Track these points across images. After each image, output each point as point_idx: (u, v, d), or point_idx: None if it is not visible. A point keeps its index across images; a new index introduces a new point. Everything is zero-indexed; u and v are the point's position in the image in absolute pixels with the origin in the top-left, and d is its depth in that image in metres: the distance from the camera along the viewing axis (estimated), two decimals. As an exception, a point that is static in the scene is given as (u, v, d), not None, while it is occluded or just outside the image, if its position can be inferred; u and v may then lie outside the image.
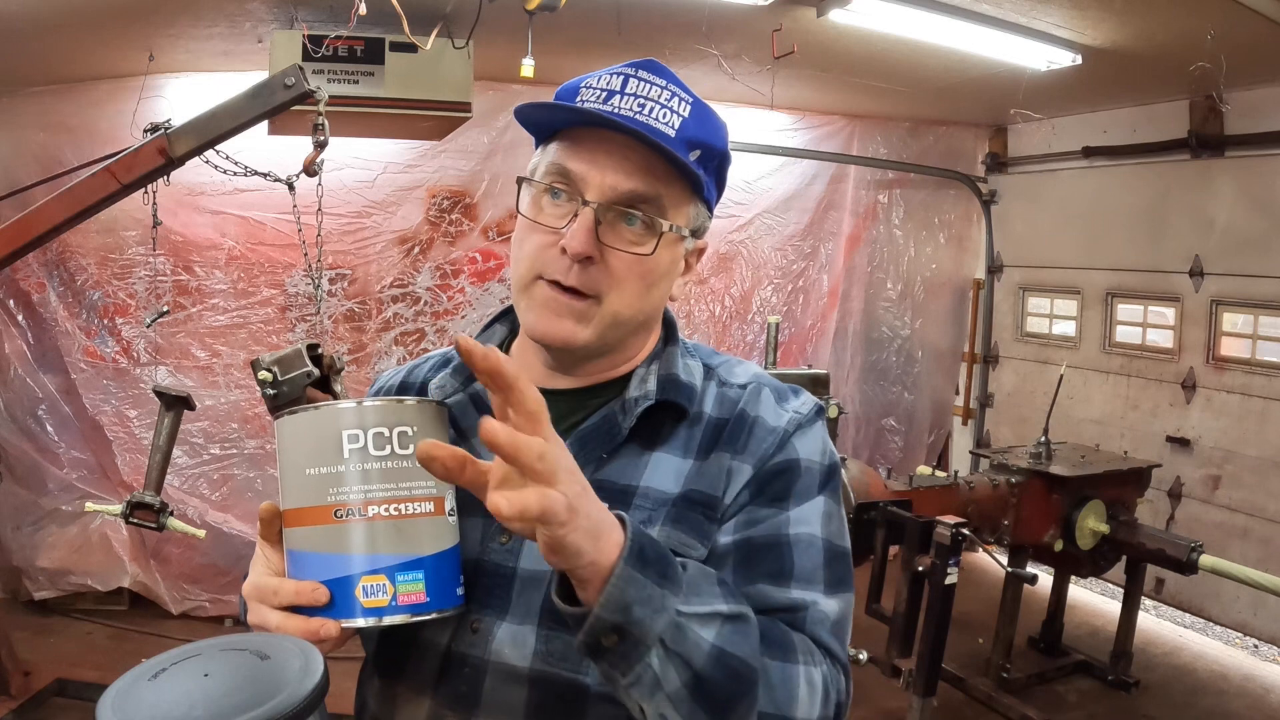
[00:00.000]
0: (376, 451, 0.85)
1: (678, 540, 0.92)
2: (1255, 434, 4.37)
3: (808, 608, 0.91)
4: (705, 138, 0.95)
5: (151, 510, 2.86)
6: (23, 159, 4.02)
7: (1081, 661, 4.30)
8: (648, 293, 0.97)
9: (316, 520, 0.85)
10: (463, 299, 4.78)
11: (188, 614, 4.38)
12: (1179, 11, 3.18)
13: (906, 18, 3.41)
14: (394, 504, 0.84)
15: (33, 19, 3.26)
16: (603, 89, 0.94)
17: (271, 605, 0.85)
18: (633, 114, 0.92)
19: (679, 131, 0.93)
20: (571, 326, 0.94)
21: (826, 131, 5.37)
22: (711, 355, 1.07)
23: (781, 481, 0.96)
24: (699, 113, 0.95)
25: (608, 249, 0.93)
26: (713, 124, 0.97)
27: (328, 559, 0.84)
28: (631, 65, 0.95)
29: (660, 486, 0.95)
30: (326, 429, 0.85)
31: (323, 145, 3.00)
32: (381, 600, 0.83)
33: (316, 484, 0.85)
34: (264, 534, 0.90)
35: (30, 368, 4.24)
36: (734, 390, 1.02)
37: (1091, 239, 5.17)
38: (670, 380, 1.00)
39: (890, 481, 3.68)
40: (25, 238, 2.85)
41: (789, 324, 5.45)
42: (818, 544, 0.94)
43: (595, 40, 3.68)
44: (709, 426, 0.99)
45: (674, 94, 0.94)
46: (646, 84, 0.93)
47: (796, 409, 1.00)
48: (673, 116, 0.93)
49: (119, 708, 0.68)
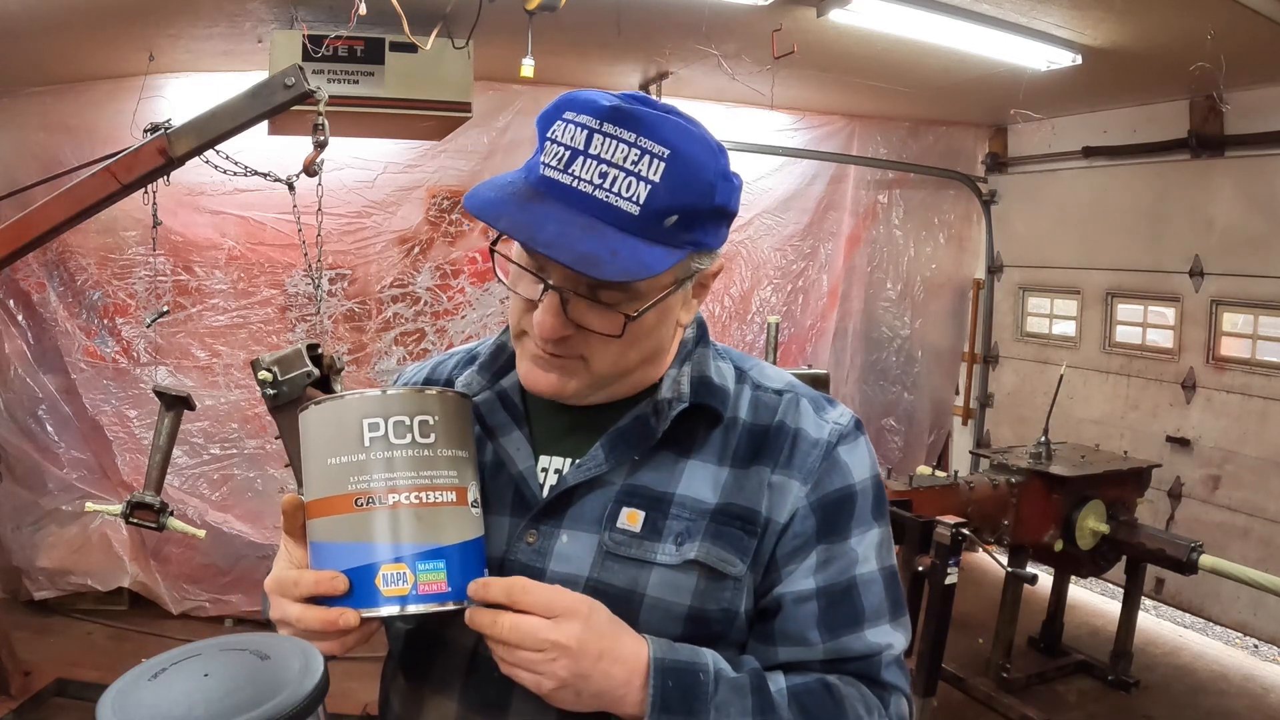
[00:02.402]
0: (397, 440, 0.85)
1: (717, 557, 0.92)
2: (1255, 434, 4.37)
3: (881, 652, 0.95)
4: (683, 200, 0.84)
5: (151, 510, 2.86)
6: (23, 159, 4.02)
7: (1081, 661, 4.30)
8: (634, 347, 0.93)
9: (338, 510, 0.85)
10: (463, 299, 4.78)
11: (188, 614, 4.37)
12: (1179, 11, 3.18)
13: (906, 18, 3.41)
14: (415, 492, 0.84)
15: (33, 19, 3.25)
16: (566, 146, 0.84)
17: (292, 597, 0.84)
18: (593, 185, 0.83)
19: (646, 204, 0.82)
20: (558, 379, 0.93)
21: (826, 131, 5.37)
22: (742, 358, 1.06)
23: (843, 512, 0.96)
24: (674, 169, 0.83)
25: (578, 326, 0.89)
26: (695, 174, 0.85)
27: (349, 548, 0.84)
28: (599, 114, 0.84)
29: (697, 496, 0.93)
30: (348, 418, 0.85)
31: (323, 145, 3.01)
32: (402, 589, 0.83)
33: (338, 473, 0.85)
34: (287, 528, 0.90)
35: (30, 368, 4.23)
36: (769, 395, 1.00)
37: (1091, 239, 5.17)
38: (704, 383, 0.98)
39: (890, 481, 3.67)
40: (25, 238, 2.85)
41: (789, 324, 5.45)
42: (880, 578, 0.97)
43: (595, 40, 3.68)
44: (744, 432, 0.97)
45: (643, 151, 0.82)
46: (612, 141, 0.83)
47: (836, 420, 0.99)
48: (639, 186, 0.82)
49: (119, 708, 0.68)
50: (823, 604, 0.94)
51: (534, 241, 0.82)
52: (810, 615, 0.93)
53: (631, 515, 0.93)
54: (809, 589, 0.94)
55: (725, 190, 0.88)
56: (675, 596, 0.91)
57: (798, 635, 0.93)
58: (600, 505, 0.94)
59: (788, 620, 0.94)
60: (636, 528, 0.92)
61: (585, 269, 0.80)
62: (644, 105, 0.86)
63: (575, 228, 0.82)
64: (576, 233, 0.82)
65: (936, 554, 3.11)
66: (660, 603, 0.91)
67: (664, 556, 0.91)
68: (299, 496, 0.90)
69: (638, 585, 0.91)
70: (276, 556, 0.93)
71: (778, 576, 0.94)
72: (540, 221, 0.82)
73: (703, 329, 1.05)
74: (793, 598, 0.93)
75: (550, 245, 0.81)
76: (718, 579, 0.92)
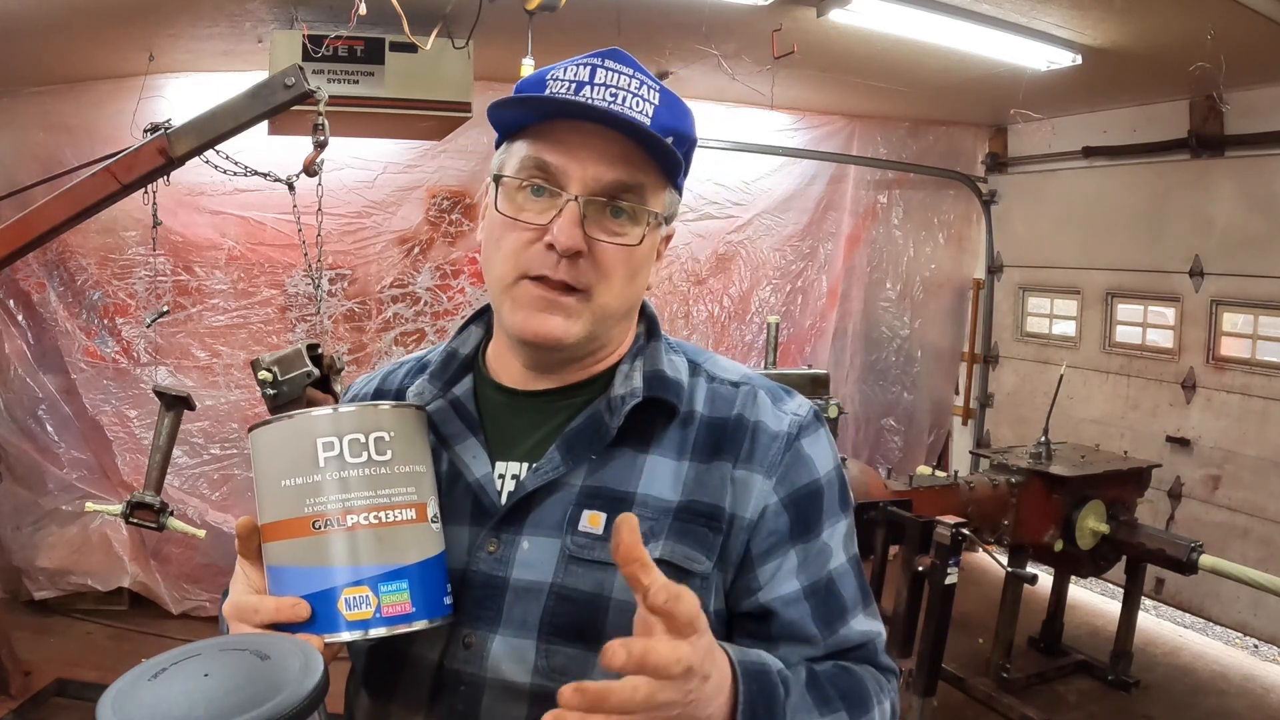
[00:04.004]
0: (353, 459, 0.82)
1: (682, 555, 0.91)
2: (1255, 434, 4.37)
3: (874, 638, 0.97)
4: (677, 125, 0.95)
5: (151, 510, 2.86)
6: (23, 159, 4.02)
7: (1081, 661, 4.30)
8: (632, 281, 0.95)
9: (294, 533, 0.82)
10: (463, 299, 4.78)
11: (188, 614, 4.38)
12: (1179, 11, 3.18)
13: (906, 18, 3.41)
14: (374, 512, 0.82)
15: (33, 19, 3.25)
16: (571, 80, 0.91)
17: (252, 624, 0.83)
18: (606, 104, 0.89)
19: (653, 120, 0.92)
20: (562, 323, 0.91)
21: (826, 131, 5.37)
22: (696, 352, 1.05)
23: (813, 508, 0.96)
24: (668, 100, 0.94)
25: (594, 242, 0.90)
26: (682, 110, 0.96)
27: (308, 572, 0.82)
28: (597, 55, 0.93)
29: (659, 494, 0.92)
30: (300, 438, 0.83)
31: (323, 145, 3.00)
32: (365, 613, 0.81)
33: (293, 496, 0.82)
34: (242, 551, 0.88)
35: (30, 368, 4.23)
36: (726, 388, 0.99)
37: (1091, 239, 5.16)
38: (657, 377, 0.97)
39: (890, 481, 3.67)
40: (25, 238, 2.85)
41: (788, 324, 5.45)
42: (850, 569, 0.98)
43: (595, 40, 3.64)
44: (703, 426, 0.96)
45: (643, 82, 0.93)
46: (615, 73, 0.91)
47: (795, 411, 0.99)
48: (645, 105, 0.92)
49: (119, 708, 0.68)
50: (813, 602, 0.94)
51: (590, 109, 0.88)
52: (805, 615, 0.93)
53: (593, 518, 0.91)
54: (795, 591, 0.93)
55: (695, 134, 0.99)
56: None
57: (800, 635, 0.93)
58: (561, 509, 0.92)
59: (785, 624, 0.93)
60: (599, 530, 0.91)
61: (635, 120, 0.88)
62: None
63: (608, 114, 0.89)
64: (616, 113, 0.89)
65: (936, 554, 3.11)
66: (628, 605, 0.87)
67: None
68: (252, 519, 0.87)
69: (604, 588, 0.90)
70: (233, 579, 0.90)
71: (753, 577, 0.93)
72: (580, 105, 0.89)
73: (653, 324, 1.05)
74: (782, 602, 0.93)
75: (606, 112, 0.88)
76: (684, 577, 0.90)
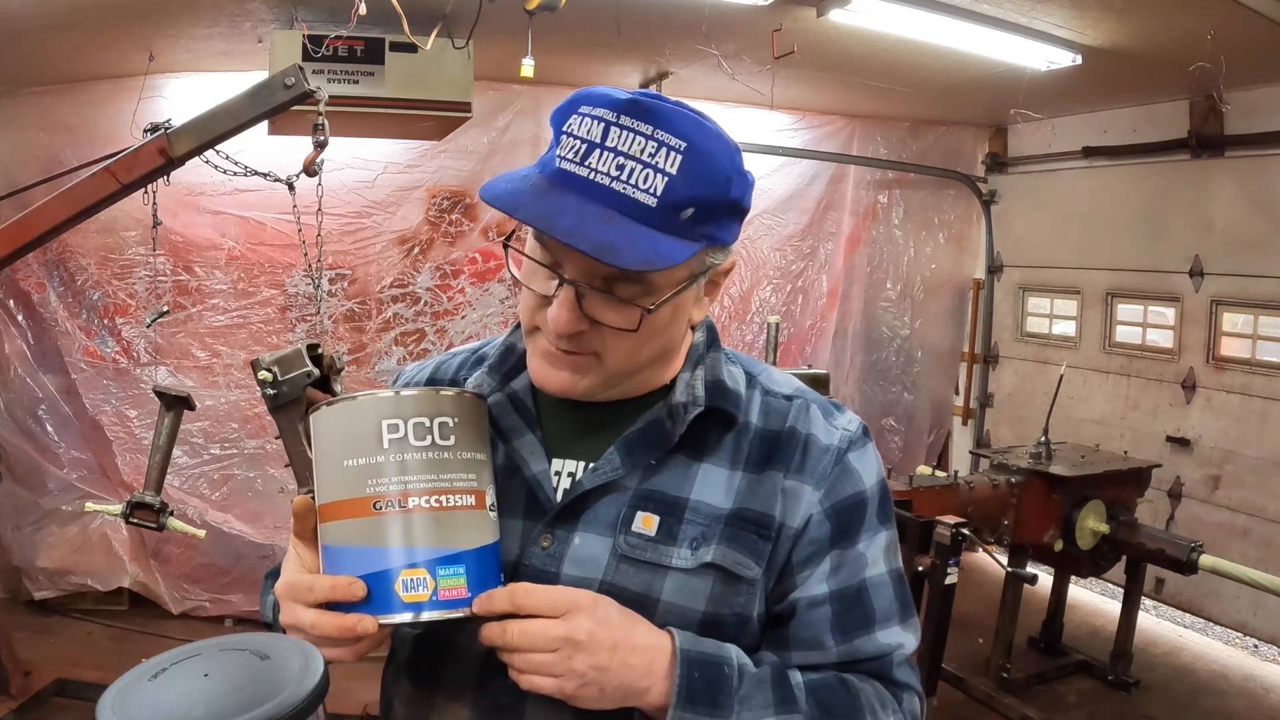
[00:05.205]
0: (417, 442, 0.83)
1: (733, 560, 0.92)
2: (1255, 434, 4.37)
3: (893, 652, 0.96)
4: (700, 192, 0.84)
5: (151, 510, 2.86)
6: (23, 159, 4.02)
7: (1081, 661, 4.30)
8: (649, 343, 0.92)
9: (354, 513, 0.83)
10: (463, 299, 4.78)
11: (188, 614, 4.37)
12: (1179, 11, 3.18)
13: (906, 18, 3.41)
14: (435, 495, 0.83)
15: (33, 19, 3.25)
16: (582, 139, 0.84)
17: (306, 603, 0.83)
18: (610, 177, 0.83)
19: (663, 196, 0.82)
20: (570, 377, 0.92)
21: (826, 131, 5.36)
22: (751, 363, 1.06)
23: (855, 518, 0.97)
24: (691, 162, 0.83)
25: (595, 320, 0.88)
26: (711, 167, 0.85)
27: (365, 553, 0.82)
28: (616, 107, 0.84)
29: (711, 501, 0.94)
30: (365, 419, 0.84)
31: (323, 145, 3.00)
32: (422, 595, 0.81)
33: (354, 476, 0.83)
34: (298, 530, 0.89)
35: (30, 368, 4.23)
36: (779, 401, 1.01)
37: (1091, 239, 5.16)
38: (718, 386, 0.98)
39: (890, 481, 3.65)
40: (25, 238, 2.85)
41: (788, 324, 5.45)
42: (889, 580, 0.98)
43: (595, 40, 3.68)
44: (756, 437, 0.98)
45: (660, 144, 0.83)
46: (629, 134, 0.83)
47: (845, 427, 1.00)
48: (656, 178, 0.82)
49: (119, 708, 0.68)
50: (836, 608, 0.94)
51: (553, 230, 0.81)
52: (824, 619, 0.94)
53: (646, 519, 0.93)
54: (822, 594, 0.94)
55: (740, 185, 0.88)
56: (690, 601, 0.91)
57: (812, 639, 0.94)
58: (615, 509, 0.94)
59: (802, 625, 0.95)
60: (651, 532, 0.92)
61: (604, 257, 0.80)
62: (659, 100, 0.86)
63: (593, 218, 0.82)
64: (595, 222, 0.82)
65: (936, 554, 3.11)
66: (675, 607, 0.91)
67: (679, 561, 0.92)
68: (310, 498, 0.87)
69: (652, 590, 0.91)
70: (285, 559, 0.91)
71: (792, 582, 0.95)
72: (558, 211, 0.82)
73: (713, 333, 1.05)
74: (806, 603, 0.94)
75: (570, 234, 0.80)
76: (733, 583, 0.93)
